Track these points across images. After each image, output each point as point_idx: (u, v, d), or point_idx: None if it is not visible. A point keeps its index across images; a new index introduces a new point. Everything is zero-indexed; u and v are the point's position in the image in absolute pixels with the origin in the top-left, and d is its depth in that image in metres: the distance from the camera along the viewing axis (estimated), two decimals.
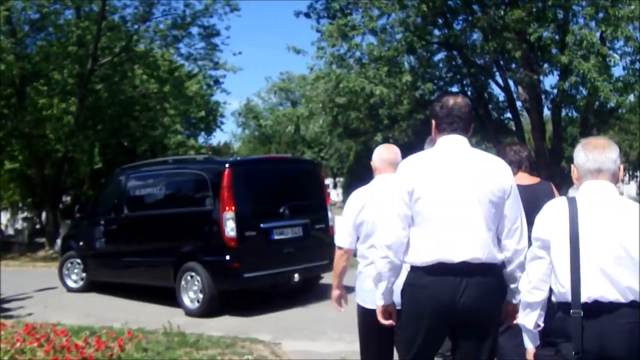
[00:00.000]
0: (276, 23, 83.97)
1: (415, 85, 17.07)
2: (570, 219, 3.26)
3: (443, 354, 5.51)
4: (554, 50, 16.29)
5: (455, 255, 3.55)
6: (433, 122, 3.89)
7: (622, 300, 3.14)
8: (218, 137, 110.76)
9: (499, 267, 3.70)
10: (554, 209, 3.39)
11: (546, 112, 19.77)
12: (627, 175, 63.61)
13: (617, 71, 56.93)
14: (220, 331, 8.71)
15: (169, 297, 10.46)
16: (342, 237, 4.69)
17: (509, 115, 20.30)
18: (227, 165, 10.20)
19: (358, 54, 17.39)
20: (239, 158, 13.33)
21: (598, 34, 14.95)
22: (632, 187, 46.42)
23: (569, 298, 3.21)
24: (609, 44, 15.52)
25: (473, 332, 3.65)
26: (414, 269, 3.69)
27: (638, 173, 63.26)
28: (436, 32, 18.51)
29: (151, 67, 24.72)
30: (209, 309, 9.89)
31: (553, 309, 3.38)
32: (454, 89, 20.38)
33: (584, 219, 3.24)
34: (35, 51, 22.72)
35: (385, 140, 20.55)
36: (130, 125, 25.48)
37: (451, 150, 3.76)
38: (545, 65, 16.31)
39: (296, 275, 10.29)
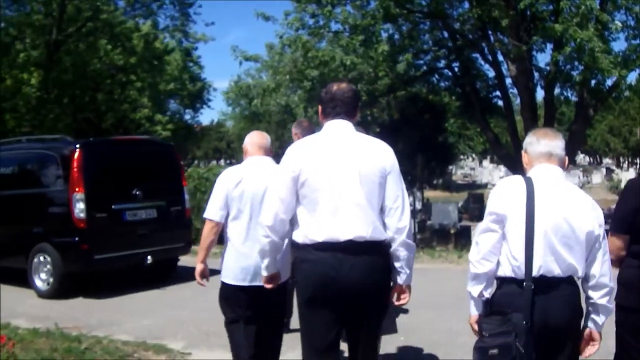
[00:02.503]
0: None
1: (393, 58, 15.54)
2: (528, 196, 3.40)
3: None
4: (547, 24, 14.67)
5: (341, 234, 3.69)
6: (320, 107, 4.03)
7: (562, 275, 3.37)
8: (211, 116, 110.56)
9: (385, 245, 3.82)
10: (512, 186, 3.50)
11: (540, 94, 18.31)
12: (627, 162, 62.17)
13: (617, 46, 55.09)
14: (132, 334, 7.44)
15: None
16: (213, 210, 4.77)
17: (498, 93, 18.82)
18: (77, 146, 10.03)
19: (332, 23, 15.86)
20: (92, 139, 12.98)
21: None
22: (630, 174, 44.90)
23: (520, 271, 3.36)
24: (609, 15, 13.89)
25: (362, 312, 3.79)
26: (303, 246, 3.78)
27: (638, 160, 61.52)
28: (421, 1, 16.96)
29: (120, 39, 23.39)
30: (60, 290, 9.75)
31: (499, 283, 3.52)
32: (440, 64, 18.93)
33: (538, 197, 3.40)
34: None
35: (364, 119, 19.16)
36: (98, 99, 24.21)
37: (335, 134, 3.90)
38: (537, 38, 14.62)
39: (149, 257, 10.24)
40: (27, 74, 22.35)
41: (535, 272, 3.33)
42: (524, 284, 3.33)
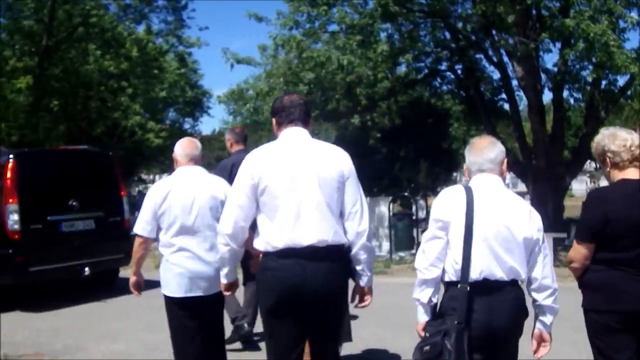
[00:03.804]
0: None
1: (393, 60, 14.74)
2: (467, 204, 3.58)
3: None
4: (555, 23, 13.77)
5: (303, 239, 3.73)
6: (274, 119, 4.08)
7: (506, 278, 3.54)
8: (212, 125, 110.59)
9: (345, 250, 3.88)
10: (453, 194, 3.69)
11: (548, 96, 17.45)
12: None
13: (627, 46, 53.86)
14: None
15: None
16: (140, 226, 4.74)
17: (503, 96, 17.99)
18: (11, 156, 9.83)
19: (328, 23, 15.05)
20: (26, 149, 12.88)
21: None
22: None
23: (461, 274, 3.53)
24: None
25: (322, 315, 3.83)
26: (266, 254, 3.83)
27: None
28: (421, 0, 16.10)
29: (111, 44, 22.76)
30: None
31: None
32: (442, 66, 18.11)
33: (478, 205, 3.58)
34: None
35: (364, 124, 18.34)
36: (90, 106, 23.56)
37: (292, 141, 3.95)
38: (545, 35, 13.68)
39: (86, 269, 10.16)
40: (19, 82, 21.74)
41: (477, 276, 3.50)
42: (459, 285, 3.52)
